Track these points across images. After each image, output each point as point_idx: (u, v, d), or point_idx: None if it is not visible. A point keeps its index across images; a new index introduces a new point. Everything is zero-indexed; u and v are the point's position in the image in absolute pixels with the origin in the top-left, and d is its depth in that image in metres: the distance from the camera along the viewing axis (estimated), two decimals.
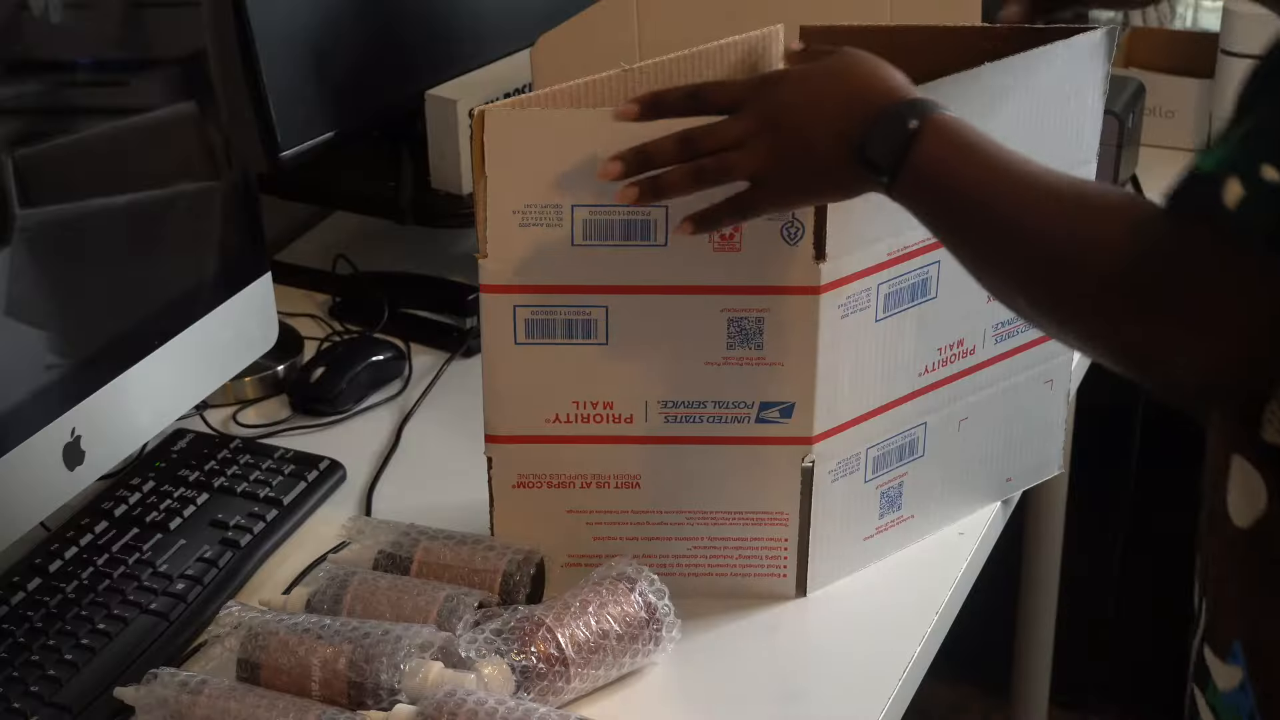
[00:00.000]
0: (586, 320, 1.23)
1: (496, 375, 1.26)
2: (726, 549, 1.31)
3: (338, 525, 1.38)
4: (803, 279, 1.20)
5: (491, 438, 1.29)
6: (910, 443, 1.33)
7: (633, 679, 1.25)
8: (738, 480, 1.28)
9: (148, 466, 1.47)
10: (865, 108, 1.06)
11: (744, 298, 1.21)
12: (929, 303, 1.28)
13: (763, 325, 1.22)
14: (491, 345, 1.25)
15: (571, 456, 1.28)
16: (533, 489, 1.30)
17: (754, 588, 1.31)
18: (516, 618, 1.20)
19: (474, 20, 1.82)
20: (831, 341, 1.22)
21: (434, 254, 1.88)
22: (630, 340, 1.24)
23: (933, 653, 1.33)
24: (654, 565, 1.29)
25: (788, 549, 1.30)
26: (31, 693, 1.20)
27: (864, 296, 1.23)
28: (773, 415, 1.24)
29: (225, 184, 1.49)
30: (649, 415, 1.26)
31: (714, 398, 1.25)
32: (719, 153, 1.10)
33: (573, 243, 1.21)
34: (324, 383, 1.61)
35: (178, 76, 1.44)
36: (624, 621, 1.22)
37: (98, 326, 1.36)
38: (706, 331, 1.22)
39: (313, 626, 1.19)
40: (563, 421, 1.27)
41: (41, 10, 1.28)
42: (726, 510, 1.29)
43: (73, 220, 1.33)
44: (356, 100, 1.71)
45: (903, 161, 1.03)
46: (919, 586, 1.36)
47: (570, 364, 1.24)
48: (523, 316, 1.23)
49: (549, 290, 1.22)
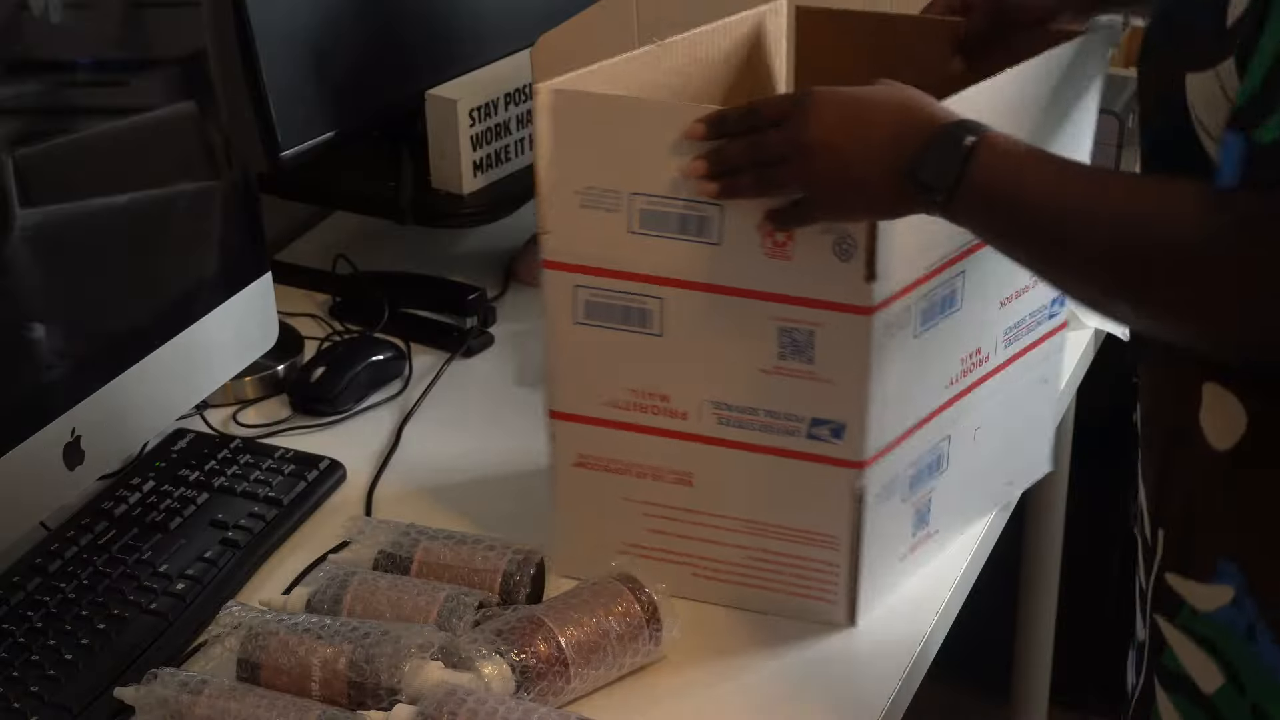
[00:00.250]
0: (642, 309, 1.24)
1: (557, 353, 1.28)
2: (778, 564, 1.29)
3: (338, 525, 1.38)
4: (853, 297, 1.18)
5: (554, 413, 1.30)
6: (938, 458, 1.32)
7: (633, 679, 1.25)
8: (788, 494, 1.26)
9: (148, 466, 1.47)
10: (915, 133, 1.09)
11: (795, 308, 1.20)
12: (955, 314, 1.27)
13: (814, 339, 1.20)
14: (553, 322, 1.26)
15: (628, 443, 1.29)
16: (592, 470, 1.31)
17: (803, 610, 1.29)
18: (516, 617, 1.20)
19: (474, 20, 1.82)
20: (879, 362, 1.20)
21: (434, 254, 1.88)
22: (684, 335, 1.24)
23: (933, 653, 1.33)
24: (705, 569, 1.30)
25: (838, 574, 1.27)
26: (31, 692, 1.20)
27: (905, 314, 1.21)
28: (823, 433, 1.22)
29: (225, 184, 1.49)
30: (702, 414, 1.26)
31: (766, 406, 1.23)
32: (777, 163, 1.14)
33: (629, 229, 1.22)
34: (324, 382, 1.61)
35: (178, 77, 1.44)
36: (624, 621, 1.22)
37: (98, 326, 1.36)
38: (758, 337, 1.21)
39: (313, 627, 1.19)
40: (620, 407, 1.28)
41: (41, 10, 1.28)
42: (777, 524, 1.27)
43: (73, 220, 1.33)
44: (356, 100, 1.71)
45: (960, 178, 1.06)
46: (919, 587, 1.36)
47: (627, 351, 1.25)
48: (582, 297, 1.24)
49: (607, 274, 1.23)
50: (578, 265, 1.24)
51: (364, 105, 1.72)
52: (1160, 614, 1.13)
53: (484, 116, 1.76)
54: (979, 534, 1.42)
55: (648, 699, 1.24)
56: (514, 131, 1.81)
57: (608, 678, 1.23)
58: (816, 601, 1.29)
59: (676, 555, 1.31)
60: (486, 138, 1.77)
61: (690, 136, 1.18)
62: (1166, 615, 1.12)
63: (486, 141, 1.77)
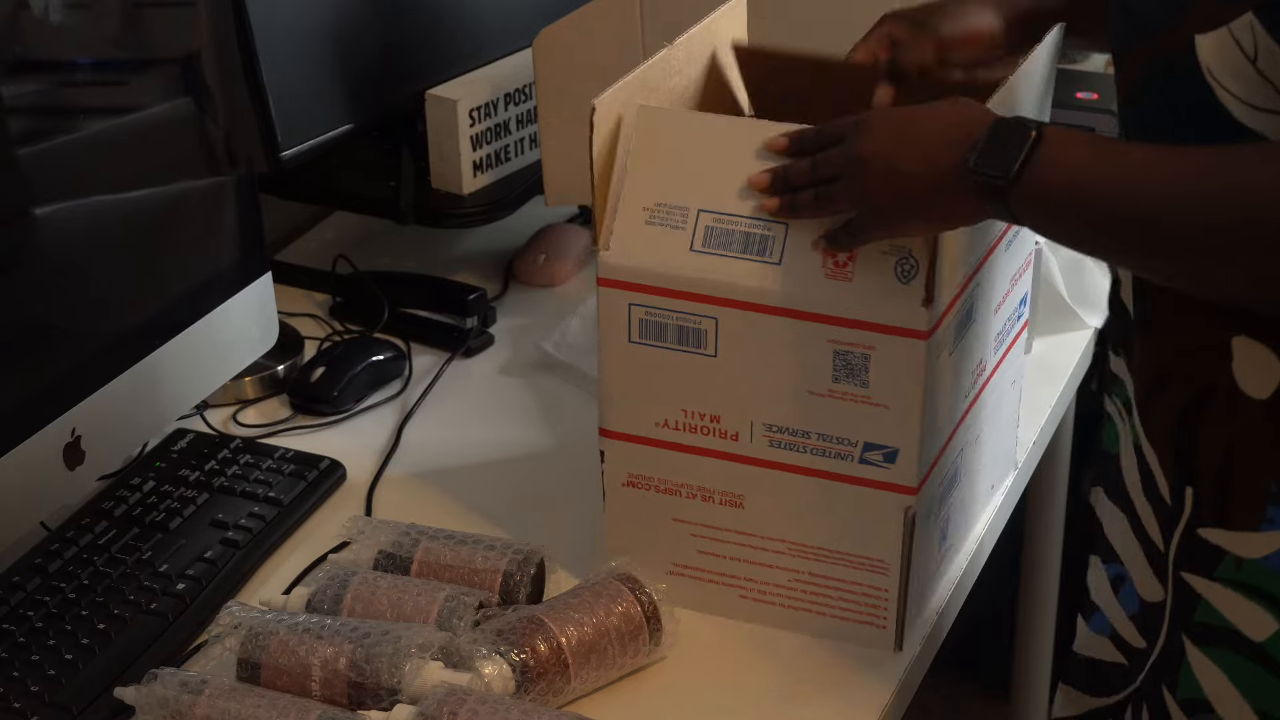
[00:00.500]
0: (697, 330, 1.23)
1: (610, 371, 1.27)
2: (828, 587, 1.28)
3: (338, 525, 1.38)
4: (910, 320, 1.17)
5: (605, 432, 1.29)
6: (955, 473, 1.31)
7: (633, 679, 1.25)
8: (838, 519, 1.25)
9: (148, 466, 1.47)
10: (969, 130, 1.09)
11: (851, 331, 1.18)
12: (972, 328, 1.26)
13: (869, 363, 1.19)
14: (606, 340, 1.26)
15: (679, 464, 1.27)
16: (641, 490, 1.30)
17: (853, 634, 1.28)
18: (517, 617, 1.20)
19: (474, 20, 1.82)
20: (931, 386, 1.19)
21: (434, 254, 1.88)
22: (738, 356, 1.23)
23: (933, 652, 1.33)
24: (753, 591, 1.30)
25: (888, 599, 1.26)
26: (32, 692, 1.20)
27: (947, 333, 1.20)
28: (875, 458, 1.21)
29: (226, 184, 1.49)
30: (754, 436, 1.24)
31: (818, 429, 1.22)
32: (833, 180, 1.15)
33: (691, 248, 1.21)
34: (324, 382, 1.61)
35: (178, 76, 1.44)
36: (624, 620, 1.22)
37: (98, 326, 1.36)
38: (812, 360, 1.20)
39: (313, 627, 1.19)
40: (671, 428, 1.26)
41: (41, 10, 1.28)
42: (827, 548, 1.26)
43: (73, 220, 1.33)
44: (357, 100, 1.71)
45: (1024, 169, 1.06)
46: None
47: (680, 371, 1.24)
48: (637, 316, 1.24)
49: (663, 294, 1.22)
50: (635, 284, 1.23)
51: (364, 105, 1.72)
52: (1191, 571, 1.14)
53: (484, 116, 1.76)
54: (979, 534, 1.42)
55: (647, 700, 1.24)
56: (514, 131, 1.81)
57: (607, 678, 1.23)
58: (866, 626, 1.28)
59: (725, 577, 1.30)
60: (486, 138, 1.77)
61: (772, 149, 1.19)
62: (1202, 571, 1.13)
63: (487, 141, 1.77)
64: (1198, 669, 1.14)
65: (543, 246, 1.86)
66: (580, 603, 1.22)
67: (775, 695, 1.25)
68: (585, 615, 1.21)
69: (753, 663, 1.28)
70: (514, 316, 1.78)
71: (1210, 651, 1.13)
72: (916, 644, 1.30)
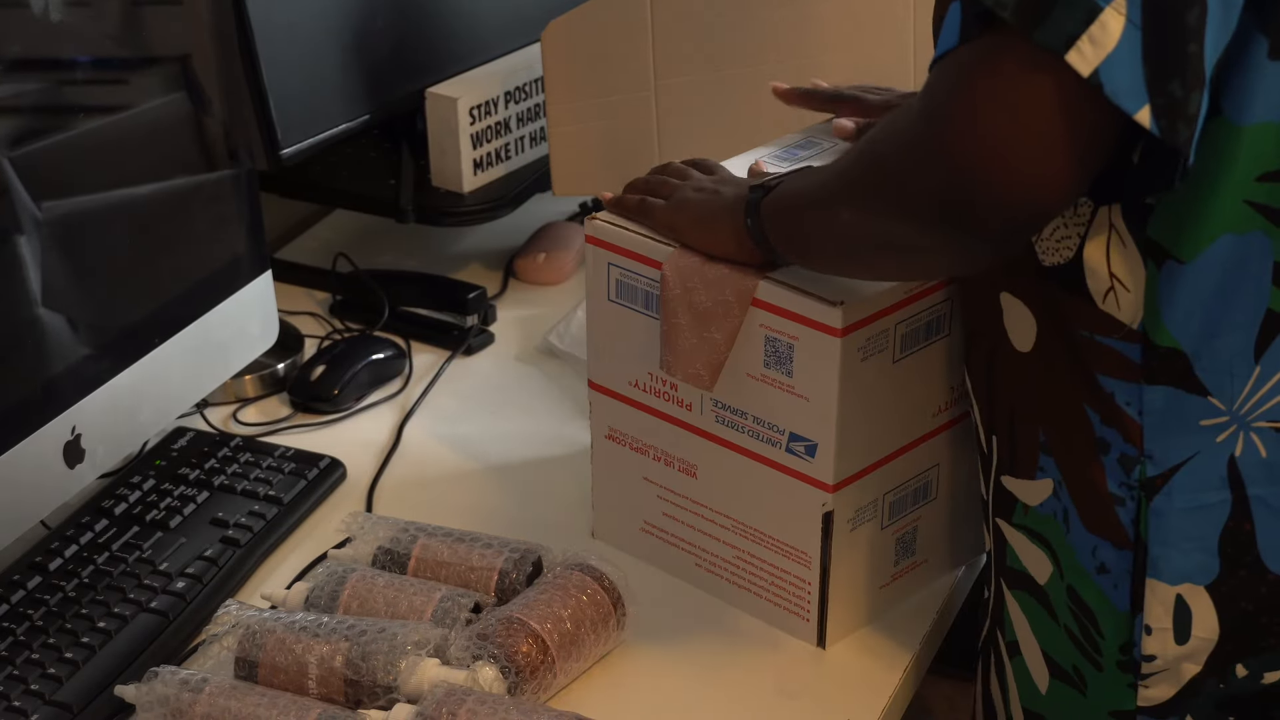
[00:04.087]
0: (658, 296, 1.26)
1: (595, 326, 1.34)
2: (761, 569, 1.30)
3: (338, 524, 1.38)
4: (824, 317, 1.18)
5: (592, 384, 1.36)
6: (925, 486, 1.31)
7: (631, 678, 1.25)
8: (769, 503, 1.27)
9: (148, 465, 1.47)
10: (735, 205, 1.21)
11: (779, 319, 1.20)
12: (942, 340, 1.26)
13: (793, 353, 1.20)
14: (592, 296, 1.32)
15: (647, 425, 1.32)
16: (619, 445, 1.35)
17: (780, 620, 1.30)
18: (495, 619, 1.20)
19: (474, 19, 1.82)
20: (852, 386, 1.20)
21: (434, 252, 1.88)
22: None
23: (933, 652, 1.33)
24: (705, 561, 1.32)
25: (810, 592, 1.27)
26: (32, 691, 1.20)
27: (882, 338, 1.21)
28: (799, 449, 1.23)
29: (226, 182, 1.49)
30: (703, 409, 1.28)
31: (753, 412, 1.25)
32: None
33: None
34: (324, 381, 1.61)
35: (178, 74, 1.44)
36: (595, 607, 1.23)
37: (98, 324, 1.36)
38: (748, 342, 1.22)
39: (309, 625, 1.19)
40: (641, 390, 1.31)
41: (41, 8, 1.28)
42: (762, 530, 1.28)
43: (73, 218, 1.33)
44: (357, 98, 1.71)
45: (767, 193, 1.17)
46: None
47: (647, 334, 1.28)
48: (614, 276, 1.29)
49: (634, 258, 1.27)
50: (612, 245, 1.28)
51: (364, 103, 1.71)
52: (1000, 517, 1.19)
53: (484, 114, 1.76)
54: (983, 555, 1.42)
55: (647, 699, 1.24)
56: (514, 129, 1.80)
57: (582, 668, 1.23)
58: (791, 615, 1.29)
59: (683, 542, 1.34)
60: (487, 136, 1.77)
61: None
62: (1005, 517, 1.18)
63: (487, 139, 1.77)
64: (1011, 612, 1.20)
65: (543, 244, 1.86)
66: (550, 597, 1.22)
67: (775, 694, 1.25)
68: (559, 608, 1.22)
69: (752, 661, 1.28)
70: (514, 314, 1.78)
71: (1016, 595, 1.19)
72: (917, 644, 1.30)
